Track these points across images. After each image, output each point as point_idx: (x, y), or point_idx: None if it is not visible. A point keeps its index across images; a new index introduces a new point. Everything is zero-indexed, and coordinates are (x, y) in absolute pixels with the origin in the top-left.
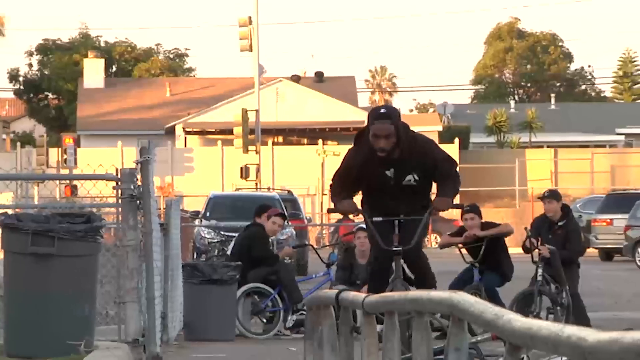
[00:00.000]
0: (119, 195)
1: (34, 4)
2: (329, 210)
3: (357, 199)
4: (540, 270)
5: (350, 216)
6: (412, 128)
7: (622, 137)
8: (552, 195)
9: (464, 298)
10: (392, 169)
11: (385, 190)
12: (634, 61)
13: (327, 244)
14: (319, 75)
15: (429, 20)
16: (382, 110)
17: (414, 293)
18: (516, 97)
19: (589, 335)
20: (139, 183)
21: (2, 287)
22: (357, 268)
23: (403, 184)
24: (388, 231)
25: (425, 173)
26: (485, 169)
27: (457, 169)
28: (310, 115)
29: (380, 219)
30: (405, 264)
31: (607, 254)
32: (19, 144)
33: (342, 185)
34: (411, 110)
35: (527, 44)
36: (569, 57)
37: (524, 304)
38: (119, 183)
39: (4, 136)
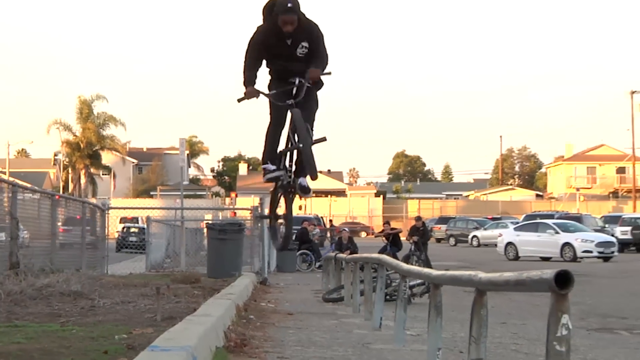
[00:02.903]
0: (252, 215)
1: (215, 147)
2: (239, 100)
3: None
4: (412, 246)
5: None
6: (362, 192)
7: (445, 196)
8: (419, 218)
9: (384, 257)
10: (290, 38)
11: (283, 55)
12: (424, 165)
13: (329, 235)
14: (328, 171)
15: (372, 148)
16: (289, 5)
17: (366, 256)
18: (404, 180)
19: (432, 272)
20: (259, 210)
21: (206, 251)
22: (343, 245)
23: (297, 52)
24: (284, 94)
25: (311, 46)
26: (392, 207)
27: (328, 59)
28: (324, 186)
29: (275, 91)
30: (298, 118)
31: (438, 240)
32: (213, 196)
33: (249, 65)
34: (363, 185)
35: (408, 159)
36: (424, 164)
37: (406, 260)
38: (252, 211)
39: (208, 193)
